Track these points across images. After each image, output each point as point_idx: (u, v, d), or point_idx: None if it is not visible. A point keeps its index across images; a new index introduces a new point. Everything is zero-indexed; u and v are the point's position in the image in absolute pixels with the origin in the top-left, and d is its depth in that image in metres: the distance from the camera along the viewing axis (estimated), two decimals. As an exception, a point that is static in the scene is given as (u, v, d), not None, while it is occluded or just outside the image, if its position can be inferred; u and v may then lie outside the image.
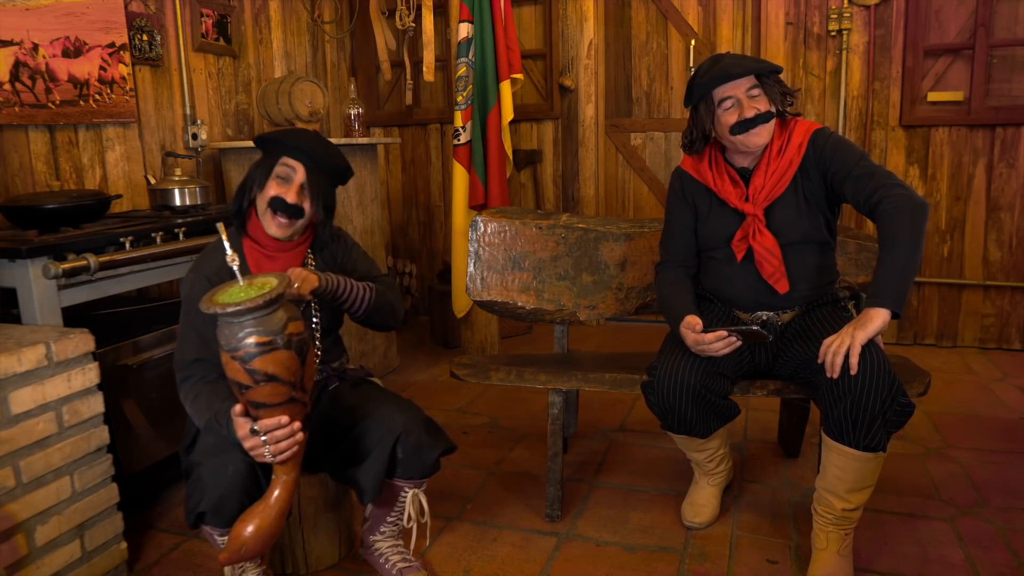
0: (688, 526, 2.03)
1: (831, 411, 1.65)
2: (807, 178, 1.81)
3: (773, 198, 1.82)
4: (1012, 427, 2.66)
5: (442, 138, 4.32)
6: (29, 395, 1.62)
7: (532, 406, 3.00)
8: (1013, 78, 3.40)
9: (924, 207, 1.63)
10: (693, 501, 2.07)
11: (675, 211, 1.98)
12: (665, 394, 1.79)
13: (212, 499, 1.49)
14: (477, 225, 2.29)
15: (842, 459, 1.68)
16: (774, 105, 1.79)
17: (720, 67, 1.77)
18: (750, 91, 1.76)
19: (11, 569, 1.59)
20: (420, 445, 1.64)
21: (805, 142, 1.81)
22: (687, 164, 1.97)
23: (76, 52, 2.55)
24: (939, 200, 3.57)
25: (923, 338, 3.70)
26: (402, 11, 3.32)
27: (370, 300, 1.78)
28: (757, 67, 1.76)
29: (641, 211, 4.12)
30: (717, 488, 2.10)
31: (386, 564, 1.81)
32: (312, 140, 1.69)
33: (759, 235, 1.82)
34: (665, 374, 1.78)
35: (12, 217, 2.07)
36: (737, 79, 1.76)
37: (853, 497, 1.70)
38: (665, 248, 2.01)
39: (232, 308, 1.29)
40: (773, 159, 1.82)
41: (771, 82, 1.79)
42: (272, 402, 1.37)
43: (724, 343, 1.72)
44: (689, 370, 1.76)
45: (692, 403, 1.78)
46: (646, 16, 3.97)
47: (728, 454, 2.11)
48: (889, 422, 1.62)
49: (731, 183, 1.86)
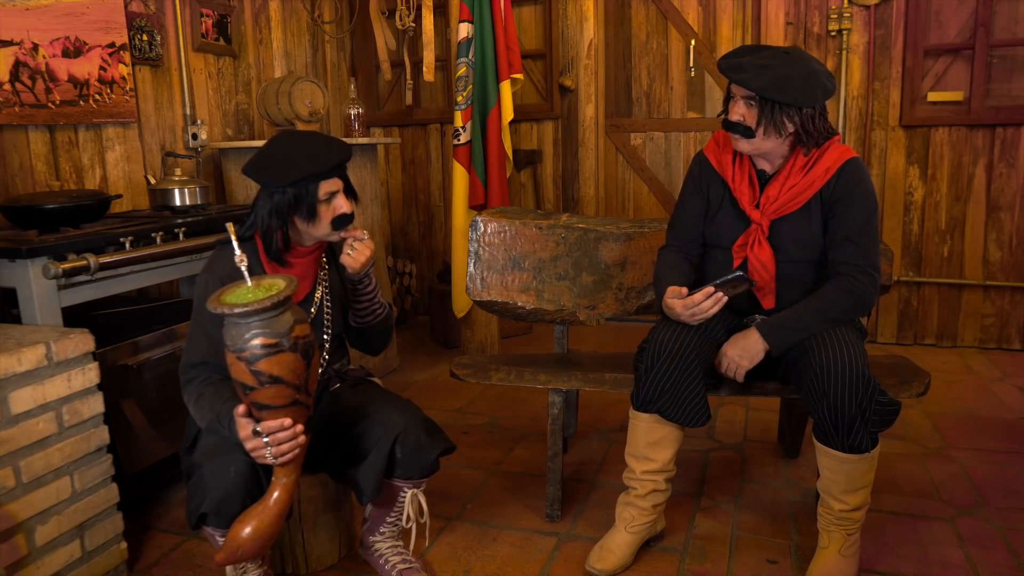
0: (589, 571, 1.83)
1: (813, 414, 1.67)
2: (822, 203, 1.77)
3: (783, 213, 1.78)
4: (1012, 427, 2.66)
5: (442, 138, 4.32)
6: (29, 395, 1.62)
7: (532, 406, 3.00)
8: (1013, 78, 3.40)
9: (865, 306, 1.73)
10: (604, 545, 1.87)
11: (687, 197, 1.95)
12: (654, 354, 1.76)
13: (214, 500, 1.48)
14: (477, 225, 2.29)
15: (830, 461, 1.69)
16: (765, 128, 1.70)
17: (736, 62, 1.71)
18: (747, 99, 1.71)
19: (11, 569, 1.59)
20: (419, 445, 1.64)
21: (834, 169, 1.74)
22: (711, 151, 1.92)
23: (76, 52, 2.55)
24: (939, 200, 3.57)
25: (923, 338, 3.70)
26: (402, 11, 3.32)
27: (379, 315, 1.83)
28: (758, 86, 1.65)
29: (641, 211, 4.12)
30: (634, 537, 1.88)
31: (385, 565, 1.81)
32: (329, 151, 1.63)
33: (757, 246, 1.80)
34: (655, 339, 1.77)
35: (12, 217, 2.07)
36: (735, 83, 1.73)
37: (848, 498, 1.70)
38: (671, 231, 1.99)
39: (239, 309, 1.29)
40: (794, 173, 1.77)
41: (773, 107, 1.67)
42: (276, 404, 1.37)
43: (712, 300, 1.70)
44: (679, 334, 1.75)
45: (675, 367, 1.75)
46: (646, 16, 3.97)
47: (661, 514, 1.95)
48: (871, 422, 1.63)
49: (748, 184, 1.83)
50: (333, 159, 1.61)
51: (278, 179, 1.58)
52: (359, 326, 1.84)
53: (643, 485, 1.87)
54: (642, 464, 1.87)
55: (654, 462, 1.85)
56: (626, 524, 1.88)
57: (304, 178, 1.58)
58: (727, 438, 2.64)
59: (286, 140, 1.66)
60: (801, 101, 1.66)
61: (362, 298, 1.78)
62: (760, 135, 1.72)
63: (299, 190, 1.59)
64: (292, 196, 1.59)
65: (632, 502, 1.88)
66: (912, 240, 3.64)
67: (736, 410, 2.89)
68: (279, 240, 1.63)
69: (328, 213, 1.63)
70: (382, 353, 1.93)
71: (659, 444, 1.84)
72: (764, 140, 1.73)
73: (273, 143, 1.65)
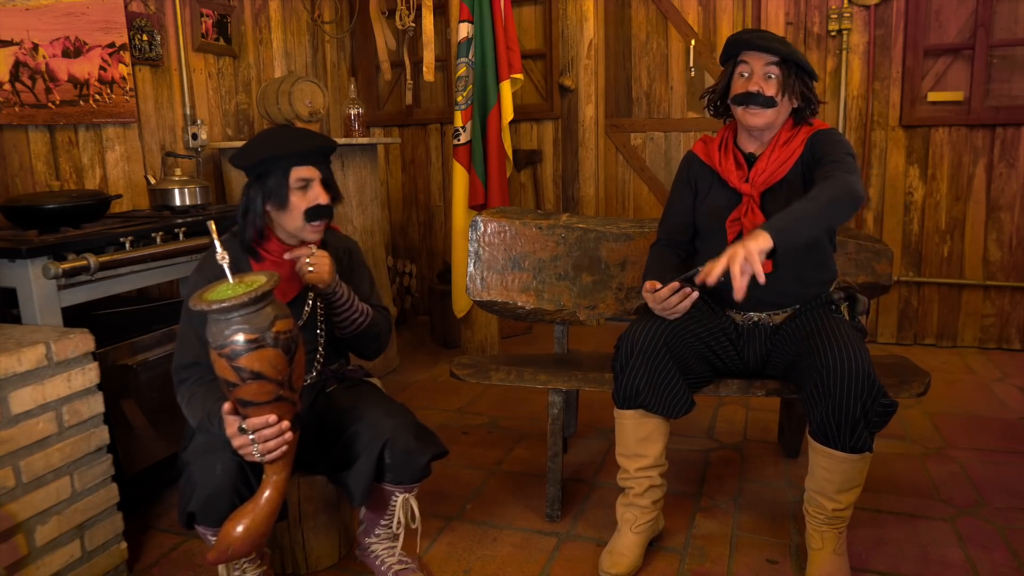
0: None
1: (813, 414, 1.67)
2: (805, 168, 1.83)
3: (771, 182, 1.83)
4: (1012, 427, 2.66)
5: (442, 138, 4.32)
6: (29, 395, 1.62)
7: (532, 406, 3.00)
8: (1013, 78, 3.40)
9: (856, 192, 1.59)
10: (612, 549, 1.86)
11: (677, 195, 2.00)
12: (626, 352, 1.78)
13: (200, 498, 1.48)
14: (477, 225, 2.29)
15: (829, 461, 1.69)
16: (786, 97, 1.79)
17: (755, 34, 1.80)
18: (767, 69, 1.78)
19: (11, 569, 1.59)
20: (408, 450, 1.63)
21: (809, 134, 1.84)
22: (699, 148, 1.99)
23: (76, 52, 2.56)
24: (939, 200, 3.57)
25: (923, 338, 3.70)
26: (402, 11, 3.32)
27: (361, 325, 1.78)
28: (786, 51, 1.76)
29: (641, 211, 4.12)
30: (640, 537, 1.88)
31: (382, 566, 1.80)
32: (303, 138, 1.64)
33: (751, 214, 1.83)
34: (627, 337, 1.79)
35: (12, 217, 2.07)
36: (761, 52, 1.78)
37: (842, 497, 1.71)
38: (661, 228, 2.03)
39: (218, 305, 1.29)
40: (779, 147, 1.84)
41: (793, 74, 1.78)
42: (259, 400, 1.37)
43: (679, 296, 1.73)
44: (648, 330, 1.77)
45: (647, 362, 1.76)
46: (646, 16, 3.97)
47: (661, 512, 1.95)
48: (872, 423, 1.63)
49: (735, 164, 1.89)
50: (306, 144, 1.61)
51: (248, 159, 1.59)
52: (345, 337, 1.81)
53: (639, 483, 1.87)
54: (634, 462, 1.87)
55: (646, 458, 1.86)
56: (630, 525, 1.88)
57: (272, 157, 1.58)
58: (727, 438, 2.64)
59: (269, 130, 1.67)
60: (811, 70, 1.79)
61: (337, 310, 1.73)
62: (783, 103, 1.80)
63: (269, 173, 1.59)
64: (263, 181, 1.59)
65: (632, 502, 1.88)
66: (912, 240, 3.64)
67: (736, 410, 2.89)
68: (252, 233, 1.62)
69: (302, 202, 1.61)
70: (379, 357, 1.91)
71: (648, 439, 1.85)
72: (781, 110, 1.81)
73: (257, 135, 1.68)
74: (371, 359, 1.91)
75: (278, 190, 1.60)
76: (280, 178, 1.60)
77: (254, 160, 1.59)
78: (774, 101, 1.78)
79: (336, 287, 1.69)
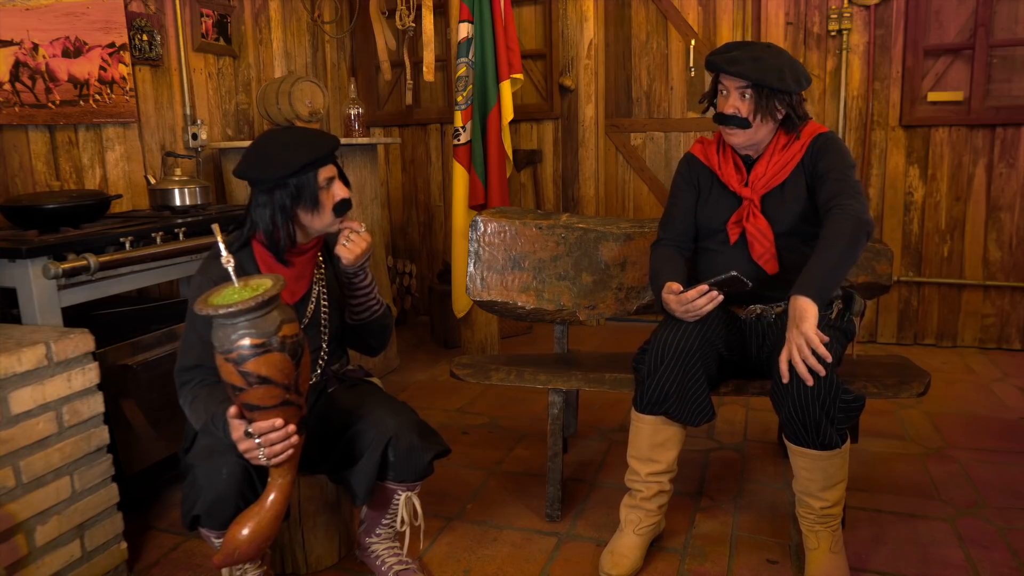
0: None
1: (780, 414, 1.68)
2: (803, 174, 1.84)
3: (771, 186, 1.84)
4: (1012, 427, 2.66)
5: (442, 138, 4.32)
6: (29, 395, 1.62)
7: (532, 406, 3.00)
8: (1013, 78, 3.40)
9: (867, 225, 1.64)
10: (614, 550, 1.85)
11: (678, 193, 2.00)
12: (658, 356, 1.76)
13: (206, 501, 1.48)
14: (477, 225, 2.29)
15: (805, 460, 1.70)
16: (760, 117, 1.78)
17: (725, 57, 1.78)
18: (742, 89, 1.78)
19: (11, 569, 1.59)
20: (411, 448, 1.64)
21: (809, 140, 1.84)
22: (697, 150, 2.00)
23: (76, 52, 2.55)
24: (939, 200, 3.57)
25: (923, 338, 3.70)
26: (402, 11, 3.32)
27: (376, 312, 1.82)
28: (755, 76, 1.73)
29: (641, 211, 4.12)
30: (643, 539, 1.87)
31: (382, 567, 1.80)
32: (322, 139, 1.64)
33: (753, 218, 1.84)
34: (658, 341, 1.77)
35: (12, 217, 2.07)
36: (730, 75, 1.78)
37: (828, 495, 1.71)
38: (664, 228, 2.02)
39: (225, 309, 1.28)
40: (777, 152, 1.85)
41: (765, 96, 1.76)
42: (266, 404, 1.36)
43: (706, 298, 1.72)
44: (682, 335, 1.75)
45: (679, 368, 1.74)
46: (646, 16, 3.96)
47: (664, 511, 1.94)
48: (836, 419, 1.63)
49: (734, 168, 1.90)
50: (328, 144, 1.63)
51: (282, 169, 1.57)
52: (355, 323, 1.83)
53: (648, 487, 1.87)
54: (647, 466, 1.86)
55: (659, 463, 1.85)
56: (634, 527, 1.87)
57: (309, 163, 1.58)
58: (727, 438, 2.64)
59: (273, 136, 1.65)
60: (793, 87, 1.76)
61: (357, 293, 1.77)
62: (756, 123, 1.79)
63: (300, 179, 1.59)
64: (294, 187, 1.58)
65: (639, 505, 1.88)
66: (912, 240, 3.64)
67: (736, 410, 2.89)
68: (285, 239, 1.62)
69: (329, 200, 1.63)
70: (381, 353, 1.92)
71: (664, 445, 1.84)
72: (759, 128, 1.81)
73: (260, 142, 1.64)
74: (374, 355, 1.92)
75: (311, 193, 1.60)
76: (312, 180, 1.60)
77: (292, 168, 1.57)
78: (748, 123, 1.79)
79: (361, 270, 1.73)
